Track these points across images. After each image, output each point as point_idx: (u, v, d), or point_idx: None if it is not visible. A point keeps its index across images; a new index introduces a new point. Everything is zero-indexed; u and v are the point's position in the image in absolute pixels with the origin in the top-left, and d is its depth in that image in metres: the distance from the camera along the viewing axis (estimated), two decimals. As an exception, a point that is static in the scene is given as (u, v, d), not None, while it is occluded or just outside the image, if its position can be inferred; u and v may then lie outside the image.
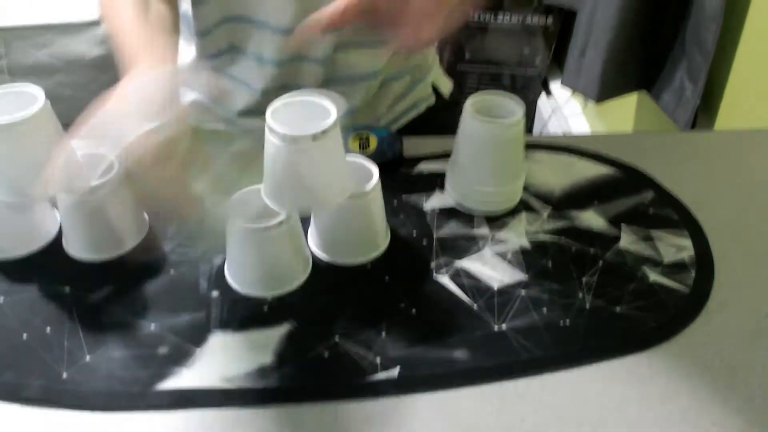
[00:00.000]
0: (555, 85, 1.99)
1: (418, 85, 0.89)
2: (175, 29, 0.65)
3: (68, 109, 0.56)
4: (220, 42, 0.76)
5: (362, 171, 0.61)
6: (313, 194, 0.55)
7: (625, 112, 1.59)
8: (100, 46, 1.54)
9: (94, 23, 1.53)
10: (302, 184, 0.54)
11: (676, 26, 1.24)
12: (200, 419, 0.50)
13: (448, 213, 0.67)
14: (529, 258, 0.63)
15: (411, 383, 0.52)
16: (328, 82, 0.77)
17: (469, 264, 0.62)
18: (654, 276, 0.61)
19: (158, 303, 0.58)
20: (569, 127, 1.86)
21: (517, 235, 0.65)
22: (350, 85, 0.79)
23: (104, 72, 1.54)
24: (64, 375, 0.52)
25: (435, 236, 0.65)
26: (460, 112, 1.01)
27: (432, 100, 0.92)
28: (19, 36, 1.52)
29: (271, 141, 0.52)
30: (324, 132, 0.52)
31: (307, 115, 0.54)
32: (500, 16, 1.83)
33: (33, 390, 0.51)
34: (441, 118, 0.92)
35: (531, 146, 0.77)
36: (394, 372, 0.53)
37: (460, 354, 0.54)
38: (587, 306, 0.58)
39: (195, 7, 0.72)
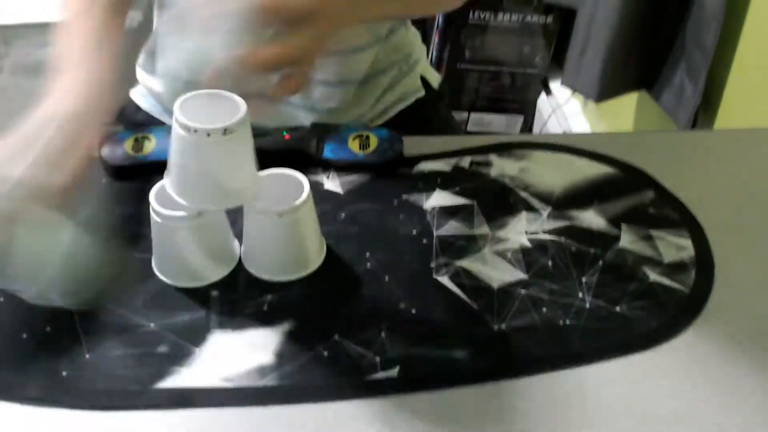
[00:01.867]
0: (555, 85, 1.99)
1: (406, 77, 0.88)
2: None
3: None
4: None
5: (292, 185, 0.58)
6: (223, 189, 0.54)
7: (625, 111, 1.59)
8: (99, 45, 1.54)
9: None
10: (212, 179, 0.53)
11: (676, 25, 1.24)
12: (200, 418, 0.50)
13: (448, 212, 0.67)
14: (529, 258, 0.63)
15: (410, 383, 0.52)
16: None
17: (469, 264, 0.62)
18: (654, 276, 0.61)
19: (158, 302, 0.57)
20: (569, 127, 1.86)
21: (517, 235, 0.65)
22: (329, 88, 0.79)
23: (104, 70, 1.54)
24: (64, 374, 0.52)
25: (435, 236, 0.65)
26: (448, 103, 1.00)
27: (421, 92, 0.92)
28: (20, 34, 1.51)
29: (180, 134, 0.51)
30: (234, 126, 0.50)
31: (217, 109, 0.52)
32: (500, 15, 1.83)
33: (32, 389, 0.51)
34: (430, 109, 0.92)
35: (531, 146, 0.77)
36: (394, 371, 0.53)
37: (459, 354, 0.54)
38: (587, 306, 0.58)
39: None
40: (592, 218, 0.67)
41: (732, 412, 0.51)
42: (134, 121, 0.87)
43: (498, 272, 0.61)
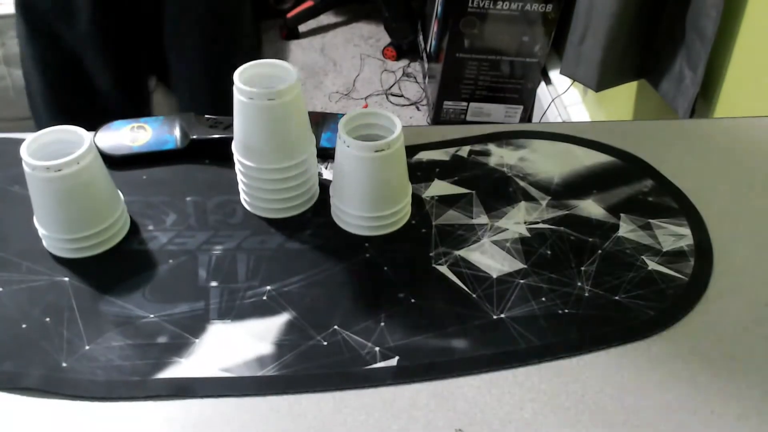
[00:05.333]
0: (554, 74, 1.98)
1: None
2: None
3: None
4: None
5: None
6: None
7: (624, 100, 1.58)
8: (97, 35, 1.52)
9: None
10: None
11: (676, 14, 1.23)
12: (199, 408, 0.50)
13: (448, 202, 0.67)
14: (528, 247, 0.63)
15: (410, 372, 0.52)
16: None
17: (468, 253, 0.62)
18: (653, 265, 0.61)
19: (157, 293, 0.57)
20: (569, 116, 1.85)
21: (516, 224, 0.65)
22: None
23: (101, 61, 1.53)
24: (64, 364, 0.52)
25: (434, 225, 0.65)
26: None
27: None
28: (14, 25, 1.50)
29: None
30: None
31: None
32: (499, 4, 1.82)
33: (33, 379, 0.51)
34: None
35: (530, 135, 0.76)
36: (393, 361, 0.53)
37: (458, 343, 0.54)
38: (586, 295, 0.58)
39: None
40: (591, 207, 0.67)
41: (730, 400, 0.51)
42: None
43: (497, 261, 0.61)
